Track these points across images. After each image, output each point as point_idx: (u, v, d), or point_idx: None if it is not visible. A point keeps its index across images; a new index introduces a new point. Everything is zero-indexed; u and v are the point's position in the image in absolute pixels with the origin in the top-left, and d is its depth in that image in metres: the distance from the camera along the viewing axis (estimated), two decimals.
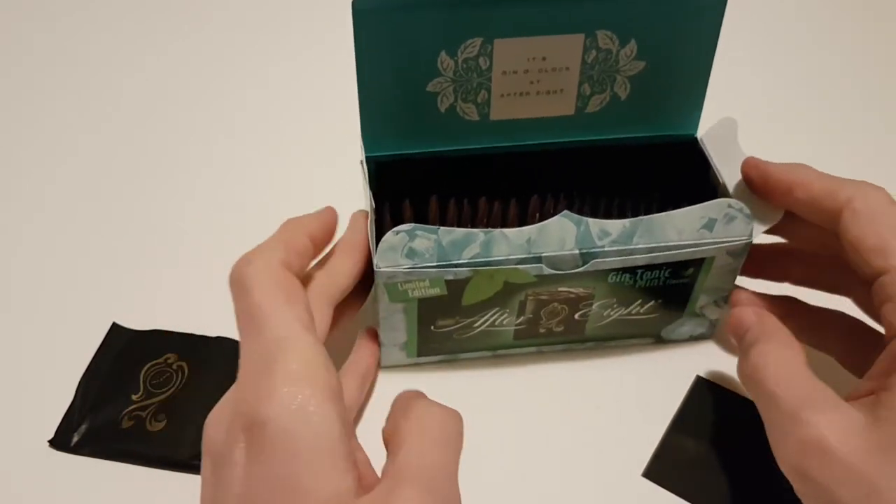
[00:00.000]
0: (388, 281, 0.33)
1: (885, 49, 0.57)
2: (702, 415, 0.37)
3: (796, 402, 0.29)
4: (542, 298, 0.35)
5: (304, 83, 0.55)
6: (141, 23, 0.61)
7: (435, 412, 0.27)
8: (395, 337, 0.36)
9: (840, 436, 0.27)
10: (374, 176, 0.37)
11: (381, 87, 0.34)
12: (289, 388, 0.24)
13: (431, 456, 0.26)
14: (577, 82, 0.36)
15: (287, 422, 0.24)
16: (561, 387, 0.38)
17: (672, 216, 0.33)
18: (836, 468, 0.27)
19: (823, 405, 0.28)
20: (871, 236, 0.30)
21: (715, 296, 0.37)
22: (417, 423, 0.27)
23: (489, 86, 0.35)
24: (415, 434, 0.26)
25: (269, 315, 0.27)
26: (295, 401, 0.24)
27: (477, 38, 0.34)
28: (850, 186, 0.31)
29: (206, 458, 0.26)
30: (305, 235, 0.31)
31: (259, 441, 0.24)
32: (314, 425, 0.24)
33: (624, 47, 0.35)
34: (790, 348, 0.31)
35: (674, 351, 0.38)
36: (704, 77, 0.37)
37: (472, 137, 0.37)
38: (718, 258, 0.35)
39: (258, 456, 0.24)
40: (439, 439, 0.26)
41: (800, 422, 0.28)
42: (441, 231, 0.32)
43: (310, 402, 0.24)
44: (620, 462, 0.35)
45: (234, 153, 0.51)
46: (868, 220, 0.30)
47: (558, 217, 0.33)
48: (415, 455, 0.25)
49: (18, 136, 0.52)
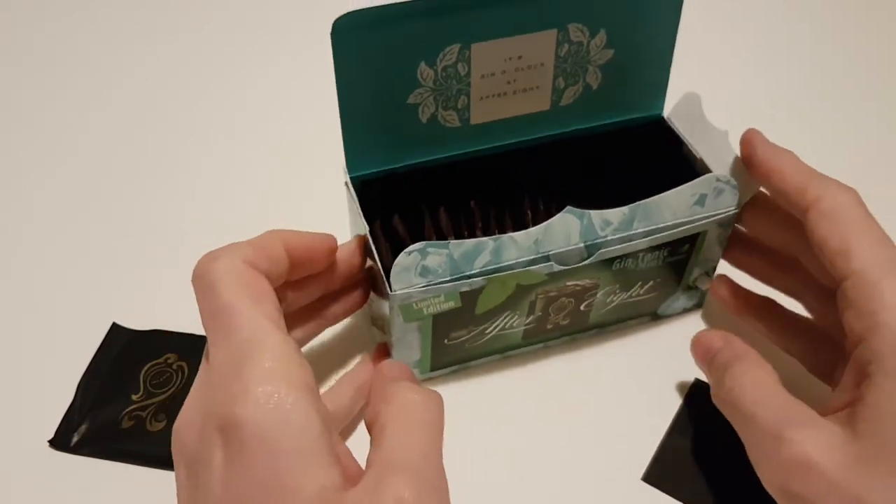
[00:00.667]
0: (403, 302, 0.32)
1: (886, 49, 0.58)
2: (700, 418, 0.37)
3: (776, 421, 0.29)
4: (551, 295, 0.35)
5: (305, 83, 0.55)
6: (140, 23, 0.61)
7: (415, 397, 0.27)
8: (409, 356, 0.35)
9: (822, 451, 0.27)
10: (360, 195, 0.36)
11: (363, 106, 0.34)
12: (263, 386, 0.23)
13: (415, 442, 0.25)
14: (551, 77, 0.36)
15: (265, 421, 0.23)
16: (566, 383, 0.38)
17: (665, 197, 0.34)
18: (821, 483, 0.27)
19: (802, 422, 0.29)
20: (834, 239, 0.30)
21: (706, 266, 0.38)
22: (399, 409, 0.26)
23: (468, 91, 0.35)
24: (397, 421, 0.26)
25: (236, 314, 0.25)
26: (271, 399, 0.23)
27: (455, 44, 0.33)
28: (820, 185, 0.31)
29: (180, 463, 0.26)
30: (281, 244, 0.30)
31: (237, 442, 0.23)
32: (293, 422, 0.23)
33: (594, 38, 0.35)
34: (762, 368, 0.31)
35: (674, 353, 0.39)
36: (668, 58, 0.38)
37: (453, 144, 0.37)
38: (710, 231, 0.36)
39: (237, 457, 0.23)
40: (422, 424, 0.26)
41: (781, 440, 0.28)
42: (452, 244, 0.32)
43: (286, 400, 0.23)
44: (620, 466, 0.36)
45: (235, 154, 0.50)
46: (833, 222, 0.30)
47: (562, 214, 0.33)
48: (399, 442, 0.25)
49: (18, 136, 0.52)
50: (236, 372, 0.24)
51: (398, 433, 0.25)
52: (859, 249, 0.29)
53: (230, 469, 0.23)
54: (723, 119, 0.37)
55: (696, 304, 0.41)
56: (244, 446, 0.23)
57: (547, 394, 0.38)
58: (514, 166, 0.38)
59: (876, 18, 0.61)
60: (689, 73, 0.41)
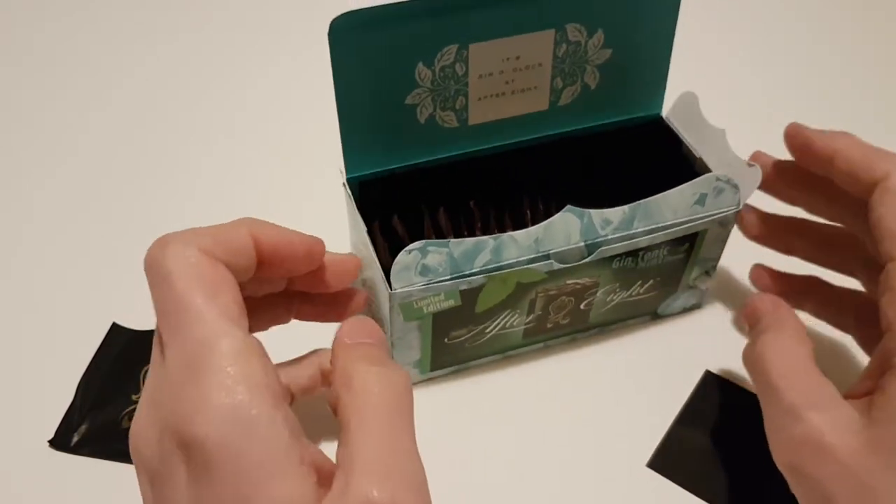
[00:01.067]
0: (403, 301, 0.32)
1: (884, 48, 0.58)
2: (709, 409, 0.37)
3: (796, 398, 0.29)
4: (551, 294, 0.35)
5: (305, 83, 0.54)
6: (140, 23, 0.61)
7: (375, 378, 0.24)
8: (409, 356, 0.35)
9: (836, 434, 0.27)
10: (359, 195, 0.36)
11: (361, 106, 0.34)
12: (223, 395, 0.21)
13: (380, 433, 0.23)
14: (549, 77, 0.36)
15: (227, 435, 0.21)
16: (567, 381, 0.38)
17: (666, 196, 0.34)
18: (831, 465, 0.27)
19: (822, 403, 0.29)
20: (892, 219, 0.29)
21: (706, 266, 0.38)
22: (359, 395, 0.23)
23: (466, 91, 0.35)
24: (358, 411, 0.23)
25: (189, 310, 0.23)
26: (232, 410, 0.21)
27: (452, 45, 0.33)
28: (890, 161, 0.30)
29: (141, 471, 0.24)
30: (248, 234, 0.26)
31: (199, 460, 0.21)
32: (258, 434, 0.21)
33: (592, 37, 0.35)
34: (798, 340, 0.31)
35: (682, 344, 0.39)
36: (666, 57, 0.38)
37: (451, 144, 0.37)
38: (711, 230, 0.36)
39: (201, 477, 0.21)
40: (384, 410, 0.23)
41: (798, 418, 0.28)
42: (452, 243, 0.32)
43: (249, 408, 0.21)
44: (625, 452, 0.36)
45: (234, 154, 0.50)
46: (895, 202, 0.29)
47: (562, 213, 0.33)
48: (362, 437, 0.23)
49: (18, 136, 0.52)
50: (193, 378, 0.22)
51: (361, 426, 0.23)
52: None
53: (196, 489, 0.21)
54: (721, 118, 0.37)
55: (696, 303, 0.41)
56: (208, 465, 0.21)
57: (547, 393, 0.38)
58: (513, 167, 0.38)
59: (874, 18, 0.61)
60: (686, 72, 0.41)
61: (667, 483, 0.35)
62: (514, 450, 0.36)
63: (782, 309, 0.33)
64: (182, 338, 0.23)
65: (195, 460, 0.21)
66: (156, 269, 0.24)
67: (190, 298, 0.23)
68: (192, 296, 0.23)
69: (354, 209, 0.35)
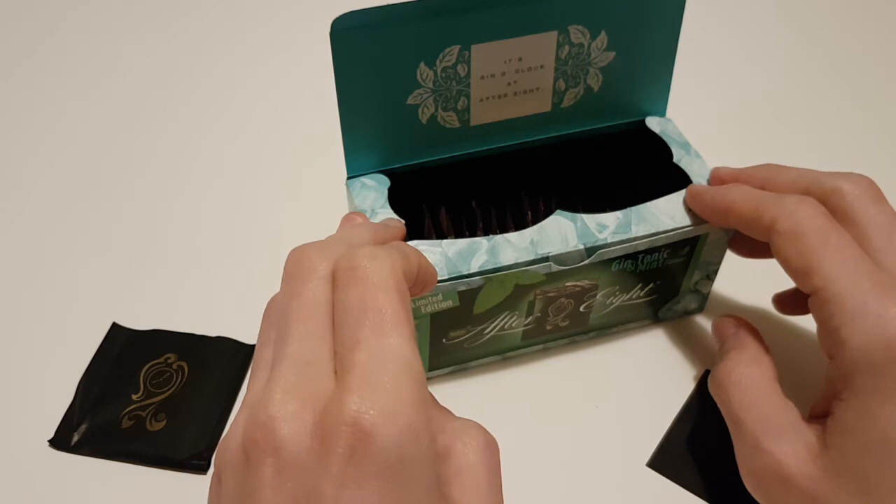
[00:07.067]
0: None
1: (884, 48, 0.58)
2: (709, 409, 0.36)
3: (757, 428, 0.30)
4: (550, 295, 0.35)
5: (306, 83, 0.55)
6: (139, 23, 0.61)
7: (478, 434, 0.25)
8: None
9: (795, 464, 0.29)
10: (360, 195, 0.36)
11: (362, 106, 0.34)
12: (409, 410, 0.22)
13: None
14: (552, 79, 0.36)
15: (402, 446, 0.21)
16: (567, 382, 0.38)
17: (657, 204, 0.34)
18: (794, 494, 0.29)
19: (782, 432, 0.29)
20: (794, 258, 0.30)
21: (707, 270, 0.38)
22: (473, 455, 0.24)
23: (468, 92, 0.35)
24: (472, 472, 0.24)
25: (394, 322, 0.23)
26: (410, 428, 0.21)
27: (455, 45, 0.33)
28: (775, 206, 0.31)
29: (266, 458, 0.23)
30: (417, 264, 0.27)
31: (364, 452, 0.21)
32: (422, 454, 0.22)
33: (595, 39, 0.35)
34: (757, 363, 0.32)
35: (683, 345, 0.39)
36: (671, 60, 0.38)
37: (453, 145, 0.37)
38: (712, 234, 0.36)
39: (359, 465, 0.21)
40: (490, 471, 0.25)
41: (760, 451, 0.30)
42: (445, 243, 0.32)
43: (421, 434, 0.22)
44: (625, 452, 0.36)
45: (234, 154, 0.51)
46: (791, 241, 0.30)
47: (553, 217, 0.33)
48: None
49: (18, 136, 0.52)
50: (379, 381, 0.22)
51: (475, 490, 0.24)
52: (818, 265, 0.29)
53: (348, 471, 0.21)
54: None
55: (698, 307, 0.41)
56: (373, 460, 0.21)
57: (547, 393, 0.38)
58: (515, 168, 0.38)
59: (873, 18, 0.61)
60: (687, 73, 0.41)
61: (667, 483, 0.35)
62: (513, 450, 0.36)
63: (742, 330, 0.34)
64: (383, 339, 0.23)
65: (360, 452, 0.21)
66: (364, 274, 0.24)
67: (397, 311, 0.23)
68: (399, 310, 0.23)
69: (355, 209, 0.35)
